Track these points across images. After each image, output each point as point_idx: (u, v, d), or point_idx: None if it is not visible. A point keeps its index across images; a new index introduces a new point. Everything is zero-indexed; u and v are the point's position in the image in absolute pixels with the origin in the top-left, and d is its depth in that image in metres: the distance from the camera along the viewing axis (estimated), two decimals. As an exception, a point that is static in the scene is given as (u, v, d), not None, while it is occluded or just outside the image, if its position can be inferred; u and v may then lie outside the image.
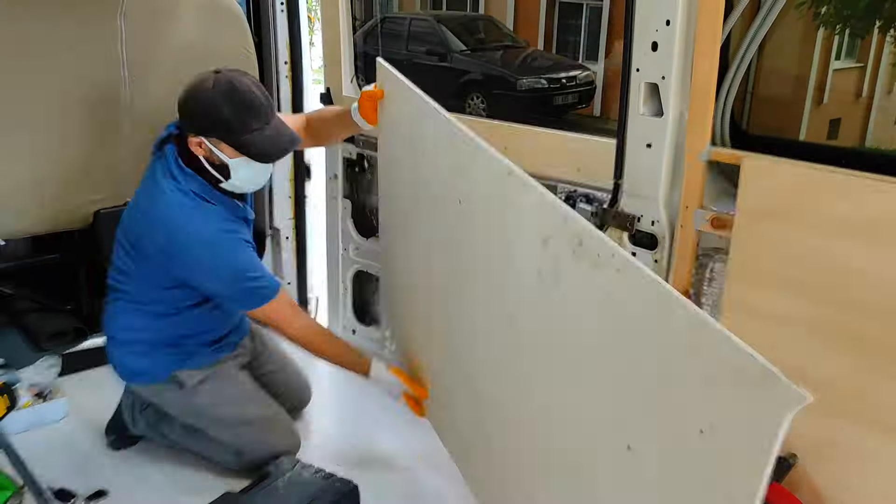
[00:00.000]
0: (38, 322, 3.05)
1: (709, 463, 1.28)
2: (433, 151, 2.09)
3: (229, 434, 2.51)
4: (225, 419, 2.50)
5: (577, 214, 1.56)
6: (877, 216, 1.69)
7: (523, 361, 1.79)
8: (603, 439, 1.54)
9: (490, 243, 1.87)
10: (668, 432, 1.36)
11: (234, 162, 2.18)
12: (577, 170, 2.41)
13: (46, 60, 2.77)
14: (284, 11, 3.36)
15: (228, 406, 2.51)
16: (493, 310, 1.89)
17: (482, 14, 11.73)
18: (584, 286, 1.53)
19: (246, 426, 2.52)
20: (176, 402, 2.51)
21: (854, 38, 2.01)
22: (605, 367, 1.51)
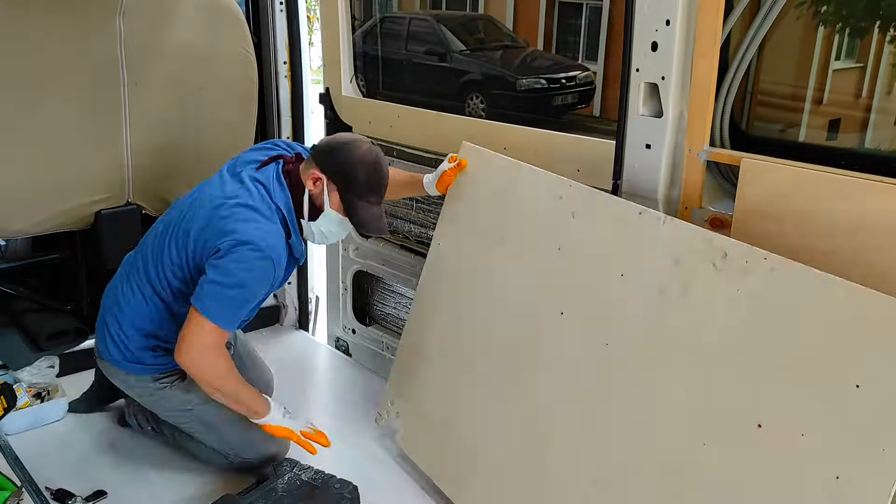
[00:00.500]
0: (38, 322, 3.06)
1: (865, 415, 1.51)
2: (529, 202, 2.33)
3: (214, 436, 2.49)
4: (213, 420, 2.46)
5: (717, 234, 1.82)
6: (876, 216, 1.69)
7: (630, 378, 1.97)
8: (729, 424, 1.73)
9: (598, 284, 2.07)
10: (817, 394, 1.59)
11: (331, 213, 2.28)
12: (576, 170, 2.41)
13: (45, 60, 2.77)
14: (283, 11, 3.36)
15: (218, 407, 2.40)
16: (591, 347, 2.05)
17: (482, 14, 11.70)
18: (725, 292, 1.77)
19: (233, 426, 2.45)
20: (164, 397, 2.46)
21: (854, 37, 2.01)
22: (742, 358, 1.74)
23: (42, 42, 2.75)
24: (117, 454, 2.68)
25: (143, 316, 2.39)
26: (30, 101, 2.78)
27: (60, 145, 2.87)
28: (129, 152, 3.04)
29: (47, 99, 2.81)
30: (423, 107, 3.00)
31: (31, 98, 2.78)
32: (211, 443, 2.51)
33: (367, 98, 3.35)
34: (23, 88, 2.75)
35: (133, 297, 2.41)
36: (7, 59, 2.70)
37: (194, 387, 2.37)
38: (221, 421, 2.46)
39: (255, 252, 2.14)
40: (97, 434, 2.79)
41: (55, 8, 2.76)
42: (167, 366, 2.42)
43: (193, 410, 2.47)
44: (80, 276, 3.20)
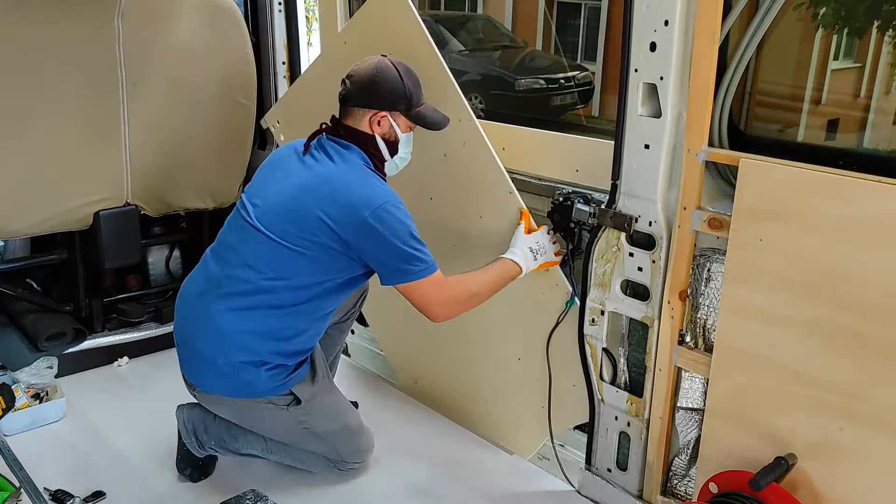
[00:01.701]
0: (36, 323, 3.06)
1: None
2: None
3: (323, 446, 2.47)
4: (325, 432, 2.45)
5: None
6: (874, 217, 1.69)
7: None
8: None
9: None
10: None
11: (404, 136, 2.32)
12: (575, 171, 2.41)
13: (44, 61, 2.77)
14: (282, 12, 3.36)
15: (332, 420, 2.46)
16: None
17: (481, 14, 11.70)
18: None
19: (347, 436, 2.50)
20: (279, 420, 2.37)
21: (852, 38, 2.01)
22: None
23: (40, 43, 2.75)
24: (116, 455, 2.68)
25: (252, 335, 2.24)
26: (28, 102, 2.78)
27: (59, 146, 2.87)
28: (127, 153, 3.04)
29: (46, 100, 2.81)
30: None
31: (30, 99, 2.78)
32: (321, 451, 2.49)
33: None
34: (21, 89, 2.76)
35: (240, 320, 2.24)
36: (6, 60, 2.70)
37: (312, 408, 2.38)
38: (332, 432, 2.46)
39: (380, 202, 2.15)
40: (96, 435, 2.79)
41: (53, 9, 2.76)
42: (281, 386, 2.31)
43: (309, 428, 2.42)
44: (78, 277, 3.20)
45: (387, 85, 2.23)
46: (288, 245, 2.19)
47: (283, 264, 2.21)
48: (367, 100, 2.24)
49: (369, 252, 2.18)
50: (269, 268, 2.21)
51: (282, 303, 2.24)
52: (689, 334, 2.14)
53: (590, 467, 2.49)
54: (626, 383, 2.36)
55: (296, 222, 2.18)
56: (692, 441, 2.22)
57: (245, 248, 2.25)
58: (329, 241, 2.16)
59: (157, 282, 3.52)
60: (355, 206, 2.14)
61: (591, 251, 2.31)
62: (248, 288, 2.23)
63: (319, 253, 2.18)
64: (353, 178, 2.20)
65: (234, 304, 2.24)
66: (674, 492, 2.30)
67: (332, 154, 2.25)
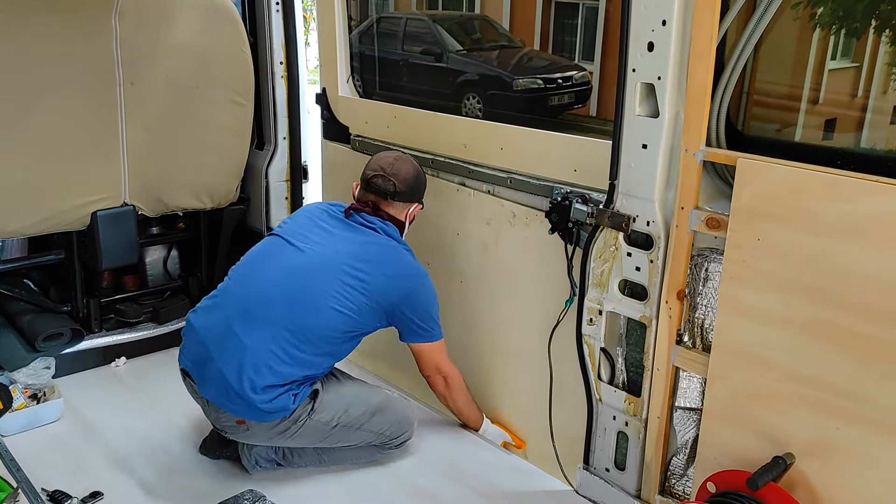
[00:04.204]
0: (34, 323, 3.05)
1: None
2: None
3: (366, 431, 2.54)
4: (355, 420, 2.50)
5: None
6: (872, 216, 1.69)
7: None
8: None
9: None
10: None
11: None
12: (573, 170, 2.41)
13: (41, 61, 2.77)
14: (280, 11, 3.36)
15: (355, 407, 2.51)
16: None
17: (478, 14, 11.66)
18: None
19: (378, 415, 2.55)
20: (310, 429, 2.43)
21: (850, 37, 2.01)
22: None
23: (38, 42, 2.75)
24: (113, 455, 2.67)
25: (282, 373, 2.33)
26: (25, 102, 2.77)
27: (56, 146, 2.86)
28: (125, 153, 3.03)
29: (43, 99, 2.80)
30: (420, 107, 3.00)
31: (27, 98, 2.77)
32: (366, 440, 2.56)
33: (364, 98, 3.35)
34: (18, 88, 2.75)
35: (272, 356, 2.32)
36: (2, 59, 2.69)
37: (326, 403, 2.44)
38: (365, 417, 2.53)
39: (422, 276, 2.54)
40: (93, 435, 2.79)
41: (51, 8, 2.76)
42: (301, 399, 2.39)
43: (338, 425, 2.47)
44: (76, 277, 3.19)
45: (422, 183, 2.65)
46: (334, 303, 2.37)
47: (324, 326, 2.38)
48: (412, 196, 2.61)
49: (404, 313, 2.48)
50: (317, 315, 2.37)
51: (311, 356, 2.38)
52: (686, 334, 2.15)
53: (588, 467, 2.49)
54: (624, 383, 2.36)
55: (345, 279, 2.39)
56: (690, 440, 2.22)
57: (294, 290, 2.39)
58: (374, 299, 2.41)
59: (154, 282, 3.52)
60: (406, 277, 2.49)
61: (589, 251, 2.31)
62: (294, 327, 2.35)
63: (361, 308, 2.40)
64: (403, 250, 2.56)
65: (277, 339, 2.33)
66: (672, 491, 2.30)
67: (378, 226, 2.53)
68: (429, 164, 2.88)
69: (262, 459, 2.56)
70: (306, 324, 2.33)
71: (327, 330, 2.37)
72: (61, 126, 2.86)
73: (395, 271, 2.46)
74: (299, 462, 2.59)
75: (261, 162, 3.53)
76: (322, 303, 2.35)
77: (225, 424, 2.41)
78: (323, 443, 2.52)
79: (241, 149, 3.39)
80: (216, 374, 2.33)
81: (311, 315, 2.34)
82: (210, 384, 2.36)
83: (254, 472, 2.56)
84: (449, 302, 2.67)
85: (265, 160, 3.52)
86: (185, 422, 2.87)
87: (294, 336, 2.33)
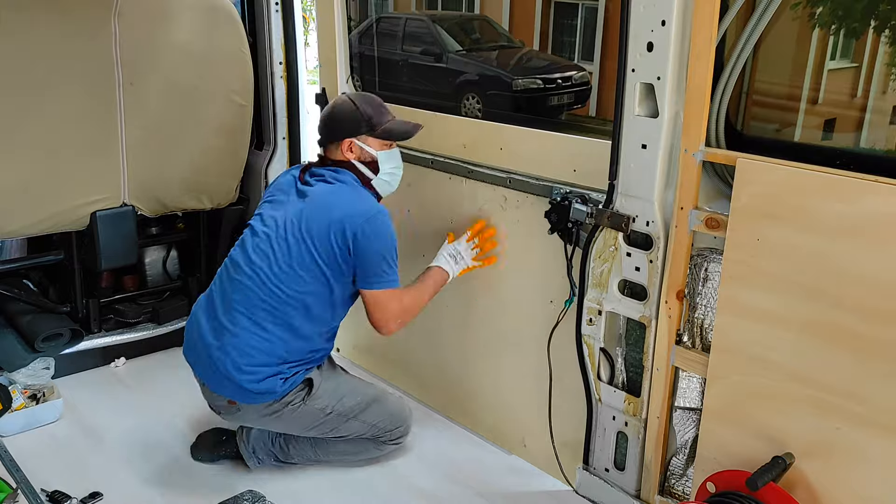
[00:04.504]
0: (33, 324, 3.05)
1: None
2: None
3: (359, 422, 2.55)
4: (349, 409, 2.53)
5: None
6: (871, 216, 1.69)
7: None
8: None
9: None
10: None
11: (381, 154, 2.52)
12: (572, 171, 2.41)
13: (41, 61, 2.76)
14: (279, 11, 3.35)
15: (349, 397, 2.54)
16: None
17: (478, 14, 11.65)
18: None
19: (373, 406, 2.58)
20: (304, 414, 2.47)
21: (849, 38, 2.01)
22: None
23: (37, 43, 2.75)
24: (113, 455, 2.67)
25: (266, 351, 2.39)
26: (25, 103, 2.77)
27: (56, 146, 2.86)
28: (124, 153, 3.03)
29: (42, 100, 2.80)
30: (420, 107, 3.00)
31: (27, 99, 2.77)
32: (359, 432, 2.57)
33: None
34: (18, 89, 2.75)
35: (253, 335, 2.39)
36: (2, 59, 2.69)
37: (322, 391, 2.48)
38: (360, 408, 2.55)
39: (368, 214, 2.39)
40: (93, 436, 2.79)
41: (50, 9, 2.76)
42: (293, 385, 2.44)
43: (332, 412, 2.51)
44: (75, 278, 3.19)
45: (343, 115, 2.51)
46: (299, 261, 2.38)
47: (294, 280, 2.38)
48: (333, 133, 2.52)
49: (359, 255, 2.37)
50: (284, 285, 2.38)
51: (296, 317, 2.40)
52: (686, 334, 2.15)
53: (587, 467, 2.49)
54: (624, 383, 2.36)
55: (303, 241, 2.37)
56: (690, 441, 2.22)
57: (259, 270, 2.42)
58: (334, 251, 2.36)
59: (154, 282, 3.52)
60: (353, 216, 2.36)
61: (589, 251, 2.31)
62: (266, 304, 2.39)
63: (327, 266, 2.37)
64: (350, 192, 2.46)
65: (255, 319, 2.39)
66: (671, 491, 2.30)
67: (328, 177, 2.48)
68: (429, 165, 2.88)
69: (260, 451, 2.61)
70: (277, 294, 2.39)
71: (296, 294, 2.39)
72: (60, 126, 2.86)
73: (336, 214, 2.38)
74: (296, 455, 2.61)
75: (260, 162, 3.52)
76: (283, 271, 2.38)
77: (218, 404, 2.49)
78: (315, 430, 2.53)
79: (240, 149, 3.39)
80: (206, 355, 2.43)
81: (279, 285, 2.38)
82: (202, 366, 2.46)
83: (252, 465, 2.60)
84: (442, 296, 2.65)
85: (265, 160, 3.52)
86: (185, 422, 2.87)
87: (270, 314, 2.39)
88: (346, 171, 2.50)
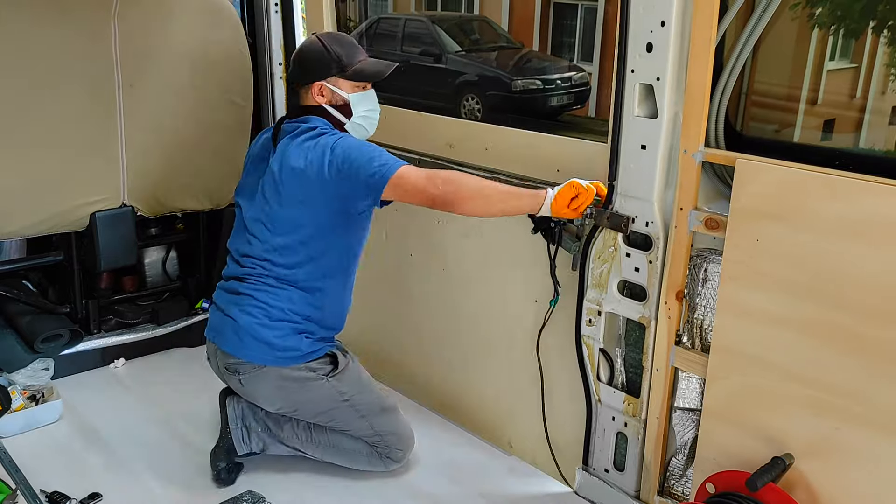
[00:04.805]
0: (32, 324, 3.04)
1: None
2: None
3: (368, 423, 2.50)
4: (365, 406, 2.49)
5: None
6: (871, 217, 1.70)
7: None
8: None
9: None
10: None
11: (353, 97, 2.43)
12: (556, 171, 2.41)
13: (40, 63, 2.77)
14: (279, 12, 3.35)
15: (368, 393, 2.51)
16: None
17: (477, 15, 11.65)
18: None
19: (386, 414, 2.53)
20: (319, 389, 2.44)
21: (848, 38, 2.02)
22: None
23: (37, 44, 2.75)
24: (112, 456, 2.67)
25: (282, 303, 2.40)
26: (24, 104, 2.77)
27: (55, 147, 2.86)
28: (123, 154, 3.03)
29: (42, 101, 2.80)
30: (419, 108, 3.00)
31: (26, 100, 2.77)
32: (360, 431, 2.51)
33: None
34: (17, 91, 2.75)
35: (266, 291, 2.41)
36: (2, 60, 2.69)
37: (346, 374, 2.46)
38: (373, 410, 2.51)
39: (342, 139, 2.31)
40: (92, 436, 2.78)
41: (50, 10, 2.76)
42: (320, 350, 2.46)
43: (349, 400, 2.47)
44: (75, 278, 3.19)
45: (312, 56, 2.41)
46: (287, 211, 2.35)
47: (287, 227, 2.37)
48: (301, 76, 2.43)
49: (345, 178, 2.25)
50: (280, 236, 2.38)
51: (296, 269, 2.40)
52: (685, 335, 2.15)
53: (587, 468, 2.49)
54: (623, 384, 2.36)
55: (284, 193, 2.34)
56: (689, 441, 2.22)
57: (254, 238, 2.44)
58: (314, 191, 2.29)
59: (153, 283, 3.51)
60: (316, 147, 2.29)
61: (588, 252, 2.31)
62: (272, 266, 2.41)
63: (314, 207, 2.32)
64: (307, 129, 2.36)
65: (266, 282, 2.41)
66: (671, 492, 2.30)
67: (298, 128, 2.39)
68: (415, 164, 2.89)
69: (251, 418, 2.53)
70: (274, 243, 2.40)
71: (293, 233, 2.37)
72: (60, 127, 2.86)
73: (306, 155, 2.30)
74: (287, 432, 2.53)
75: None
76: (273, 213, 2.38)
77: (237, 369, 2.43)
78: (324, 416, 2.49)
79: (240, 150, 3.38)
80: (230, 323, 2.43)
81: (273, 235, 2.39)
82: (226, 336, 2.44)
83: (240, 450, 2.51)
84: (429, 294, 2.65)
85: (264, 161, 3.52)
86: (185, 423, 2.87)
87: (274, 263, 2.40)
88: (315, 118, 2.40)
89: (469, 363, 2.91)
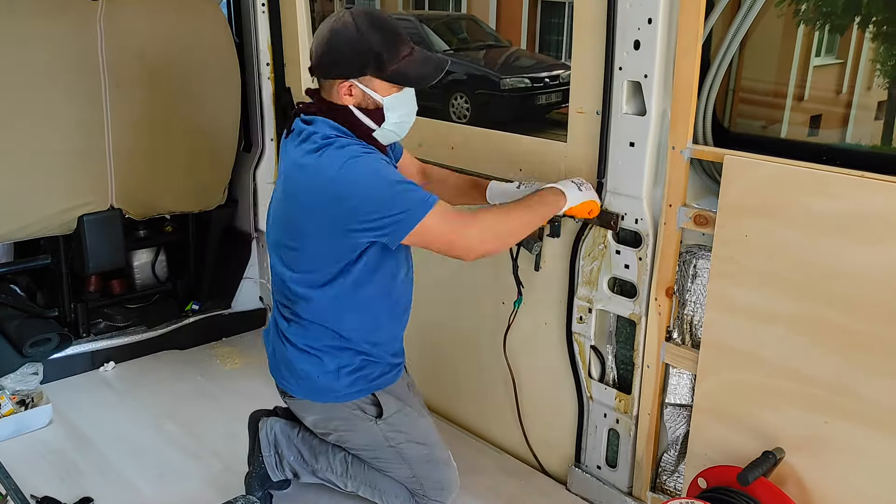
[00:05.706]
0: (21, 329, 3.02)
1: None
2: None
3: (408, 472, 2.24)
4: (412, 456, 2.23)
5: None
6: (858, 212, 1.71)
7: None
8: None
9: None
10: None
11: (388, 100, 1.95)
12: (518, 170, 2.42)
13: (26, 65, 2.75)
14: (266, 12, 3.34)
15: (418, 444, 2.23)
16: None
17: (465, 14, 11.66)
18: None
19: (433, 466, 2.25)
20: (366, 431, 2.19)
21: (834, 34, 2.03)
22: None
23: (23, 47, 2.73)
24: (103, 460, 2.66)
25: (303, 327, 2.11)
26: (10, 106, 2.75)
27: (42, 150, 2.85)
28: (111, 156, 3.01)
29: (28, 104, 2.78)
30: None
31: (12, 103, 2.75)
32: (402, 478, 2.26)
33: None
34: (3, 93, 2.73)
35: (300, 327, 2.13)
36: (-14, 63, 2.68)
37: (401, 424, 2.20)
38: (419, 460, 2.24)
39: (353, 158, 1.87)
40: (82, 441, 2.77)
41: (35, 13, 2.74)
42: (362, 391, 2.17)
43: (397, 447, 2.21)
44: (63, 282, 3.17)
45: (345, 48, 1.89)
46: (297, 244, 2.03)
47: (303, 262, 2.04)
48: (328, 69, 1.94)
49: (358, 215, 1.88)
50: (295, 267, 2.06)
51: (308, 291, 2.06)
52: (676, 331, 2.15)
53: (579, 465, 2.50)
54: (615, 380, 2.37)
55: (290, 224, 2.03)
56: (681, 437, 2.23)
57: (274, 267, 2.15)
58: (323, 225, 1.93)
59: (142, 286, 3.50)
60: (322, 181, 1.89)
61: (578, 249, 2.31)
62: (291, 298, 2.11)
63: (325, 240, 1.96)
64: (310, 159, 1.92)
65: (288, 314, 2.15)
66: (663, 488, 2.30)
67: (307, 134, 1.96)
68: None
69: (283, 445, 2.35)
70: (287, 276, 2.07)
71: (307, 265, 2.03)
72: (46, 130, 2.84)
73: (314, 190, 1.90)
74: (322, 468, 2.33)
75: (248, 164, 3.51)
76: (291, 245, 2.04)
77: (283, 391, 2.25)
78: (365, 453, 2.27)
79: (228, 151, 3.38)
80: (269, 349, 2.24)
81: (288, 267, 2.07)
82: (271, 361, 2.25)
83: (274, 476, 2.37)
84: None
85: (252, 162, 3.51)
86: (175, 426, 2.86)
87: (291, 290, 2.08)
88: (324, 122, 1.96)
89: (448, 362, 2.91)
